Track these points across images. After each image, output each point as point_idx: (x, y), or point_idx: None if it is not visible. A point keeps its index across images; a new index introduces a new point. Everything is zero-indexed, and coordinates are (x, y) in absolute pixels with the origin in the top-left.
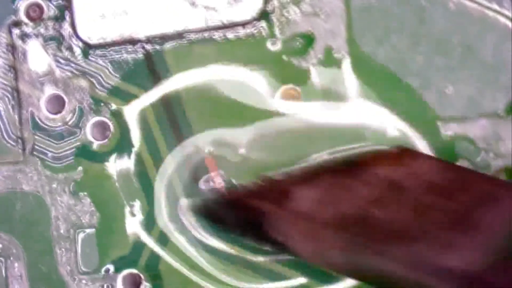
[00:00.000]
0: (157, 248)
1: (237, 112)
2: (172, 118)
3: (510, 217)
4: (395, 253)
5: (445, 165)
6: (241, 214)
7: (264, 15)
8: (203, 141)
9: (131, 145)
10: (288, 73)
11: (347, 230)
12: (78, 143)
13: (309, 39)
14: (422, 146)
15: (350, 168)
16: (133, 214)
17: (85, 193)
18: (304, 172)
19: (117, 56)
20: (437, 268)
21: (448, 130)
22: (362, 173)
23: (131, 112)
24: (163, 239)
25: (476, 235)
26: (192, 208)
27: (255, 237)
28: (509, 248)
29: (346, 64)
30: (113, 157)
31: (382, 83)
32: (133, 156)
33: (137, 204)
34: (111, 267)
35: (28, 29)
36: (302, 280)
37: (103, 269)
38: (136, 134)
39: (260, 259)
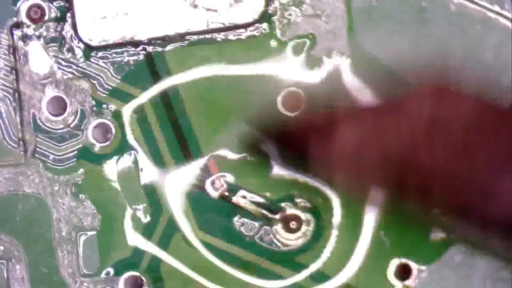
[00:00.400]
0: (158, 251)
1: (238, 112)
2: (173, 119)
3: None
4: (440, 200)
5: (488, 105)
6: (294, 148)
7: (265, 16)
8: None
9: (132, 147)
10: (289, 74)
11: (392, 170)
12: (79, 145)
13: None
14: None
15: (394, 105)
16: (134, 216)
17: (87, 195)
18: (352, 109)
19: (118, 57)
20: (481, 217)
21: None
22: (406, 110)
23: (132, 113)
24: (164, 242)
25: None
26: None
27: (305, 169)
28: None
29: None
30: (114, 159)
31: (382, 84)
32: (134, 158)
33: (138, 206)
34: (112, 270)
35: (29, 31)
36: (298, 279)
37: (104, 272)
38: (137, 136)
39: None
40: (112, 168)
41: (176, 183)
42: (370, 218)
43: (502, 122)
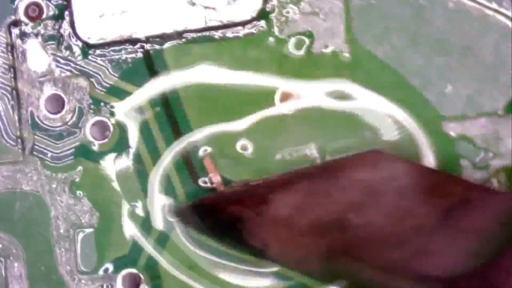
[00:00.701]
0: (156, 248)
1: (236, 110)
2: (171, 117)
3: (485, 221)
4: (372, 259)
5: (421, 169)
6: (219, 219)
7: (263, 14)
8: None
9: (130, 145)
10: (288, 73)
11: (325, 237)
12: (77, 143)
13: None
14: (423, 145)
15: (327, 173)
16: (132, 214)
17: (85, 193)
18: (281, 178)
19: (116, 55)
20: (414, 274)
21: (447, 130)
22: (338, 178)
23: (130, 111)
24: (162, 239)
25: (451, 241)
26: (172, 211)
27: (234, 243)
28: (484, 252)
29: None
30: (112, 156)
31: (381, 82)
32: (132, 155)
33: (136, 204)
34: (111, 267)
35: (27, 29)
36: (298, 279)
37: (102, 269)
38: (135, 134)
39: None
40: (110, 166)
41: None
42: None
43: (433, 185)
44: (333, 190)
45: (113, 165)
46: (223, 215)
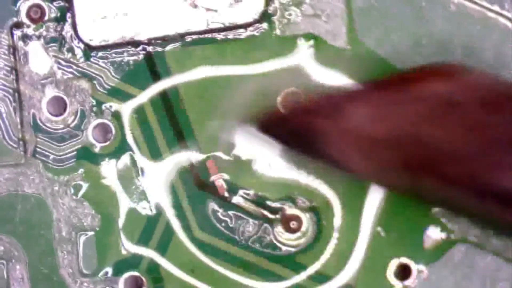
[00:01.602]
0: (157, 251)
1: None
2: (173, 119)
3: None
4: (450, 173)
5: (498, 80)
6: (296, 130)
7: (265, 16)
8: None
9: (132, 147)
10: (290, 74)
11: (402, 149)
12: (79, 146)
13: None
14: None
15: (403, 83)
16: (134, 216)
17: (87, 195)
18: (355, 88)
19: (118, 58)
20: (492, 188)
21: None
22: (414, 88)
23: (132, 113)
24: (164, 242)
25: None
26: (250, 123)
27: (310, 153)
28: None
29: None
30: (114, 159)
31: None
32: (134, 157)
33: (138, 206)
34: (112, 270)
35: (29, 31)
36: (298, 279)
37: (104, 272)
38: (137, 135)
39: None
40: (112, 168)
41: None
42: (369, 218)
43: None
44: (410, 100)
45: (115, 167)
46: (297, 127)
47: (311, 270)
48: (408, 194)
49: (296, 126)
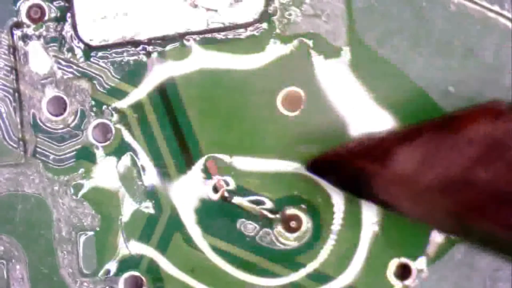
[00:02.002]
0: (157, 251)
1: (238, 112)
2: (173, 119)
3: None
4: (499, 216)
5: None
6: (346, 173)
7: (265, 16)
8: None
9: (132, 147)
10: (290, 74)
11: (453, 194)
12: (79, 145)
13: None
14: None
15: (450, 125)
16: (134, 216)
17: (87, 195)
18: (404, 131)
19: (118, 57)
20: None
21: None
22: (462, 131)
23: (132, 113)
24: (164, 241)
25: None
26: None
27: (361, 195)
28: None
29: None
30: (115, 159)
31: (383, 84)
32: (134, 157)
33: (138, 205)
34: (113, 270)
35: (29, 31)
36: (298, 279)
37: (104, 272)
38: (137, 136)
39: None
40: (112, 168)
41: (177, 184)
42: (370, 218)
43: None
44: (458, 144)
45: (115, 167)
46: (346, 170)
47: (311, 270)
48: (460, 237)
49: (346, 169)
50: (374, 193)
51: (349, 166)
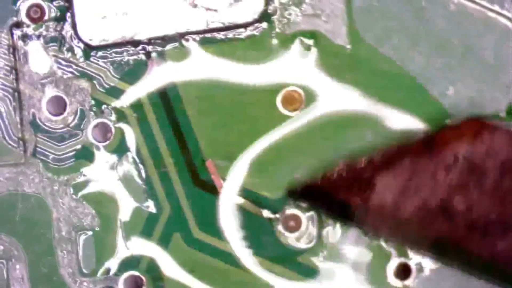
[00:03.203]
0: (158, 250)
1: (238, 112)
2: (173, 118)
3: None
4: (475, 246)
5: None
6: (328, 204)
7: (265, 16)
8: None
9: (132, 147)
10: (290, 74)
11: (430, 225)
12: (79, 145)
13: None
14: None
15: (428, 148)
16: (134, 216)
17: (87, 195)
18: (384, 157)
19: (118, 57)
20: None
21: None
22: (441, 154)
23: (132, 113)
24: (164, 241)
25: None
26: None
27: (346, 221)
28: None
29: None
30: (115, 158)
31: (383, 83)
32: (135, 157)
33: (138, 205)
34: (113, 269)
35: (29, 31)
36: (298, 279)
37: (104, 271)
38: (137, 135)
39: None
40: (112, 168)
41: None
42: None
43: None
44: (437, 169)
45: (115, 167)
46: (333, 201)
47: (311, 269)
48: (442, 263)
49: (333, 200)
50: (358, 223)
51: (334, 198)
